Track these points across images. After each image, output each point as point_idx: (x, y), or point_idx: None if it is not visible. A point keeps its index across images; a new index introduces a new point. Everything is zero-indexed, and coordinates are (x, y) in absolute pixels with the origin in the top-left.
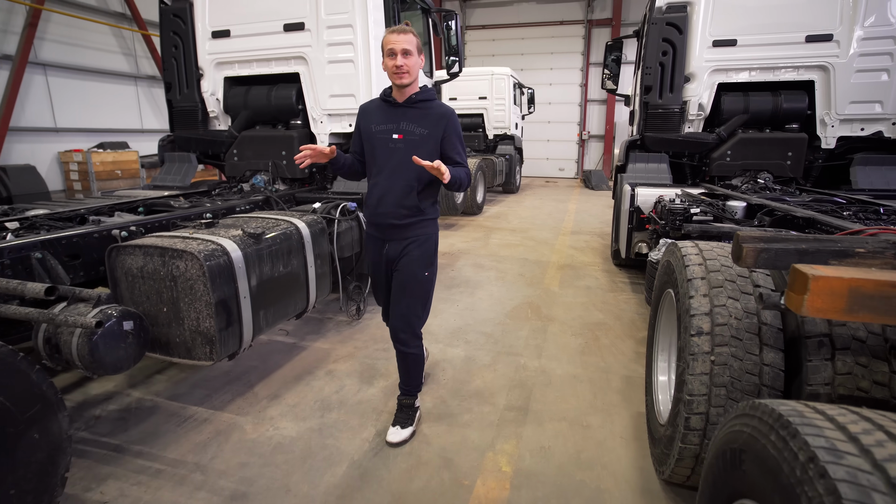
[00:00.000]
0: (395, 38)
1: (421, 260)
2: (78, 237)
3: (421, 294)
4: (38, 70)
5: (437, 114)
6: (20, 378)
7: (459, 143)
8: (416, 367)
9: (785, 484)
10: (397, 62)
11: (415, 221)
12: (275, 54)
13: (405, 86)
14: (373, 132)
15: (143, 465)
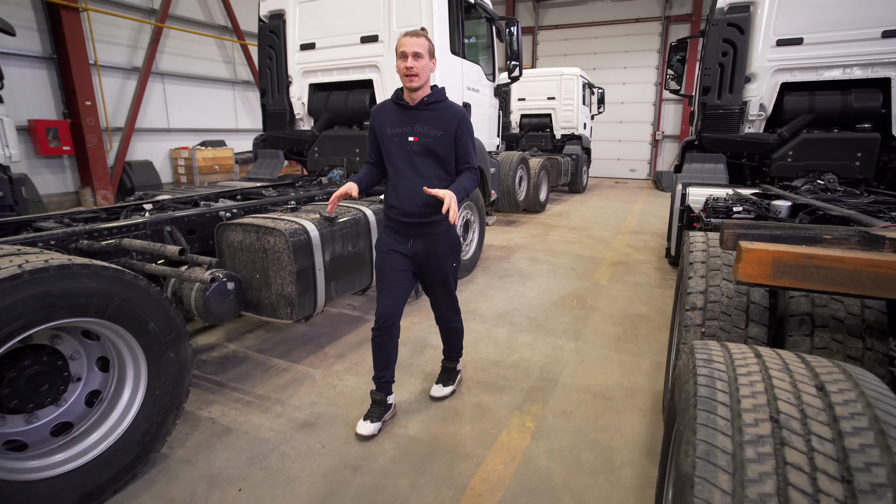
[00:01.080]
0: (408, 40)
1: (449, 254)
2: (195, 216)
3: (454, 282)
4: (157, 79)
5: (450, 115)
6: (164, 312)
7: (471, 143)
8: (459, 338)
9: (680, 388)
10: (408, 63)
11: (438, 218)
12: (352, 63)
13: (415, 88)
14: (388, 135)
15: (238, 397)
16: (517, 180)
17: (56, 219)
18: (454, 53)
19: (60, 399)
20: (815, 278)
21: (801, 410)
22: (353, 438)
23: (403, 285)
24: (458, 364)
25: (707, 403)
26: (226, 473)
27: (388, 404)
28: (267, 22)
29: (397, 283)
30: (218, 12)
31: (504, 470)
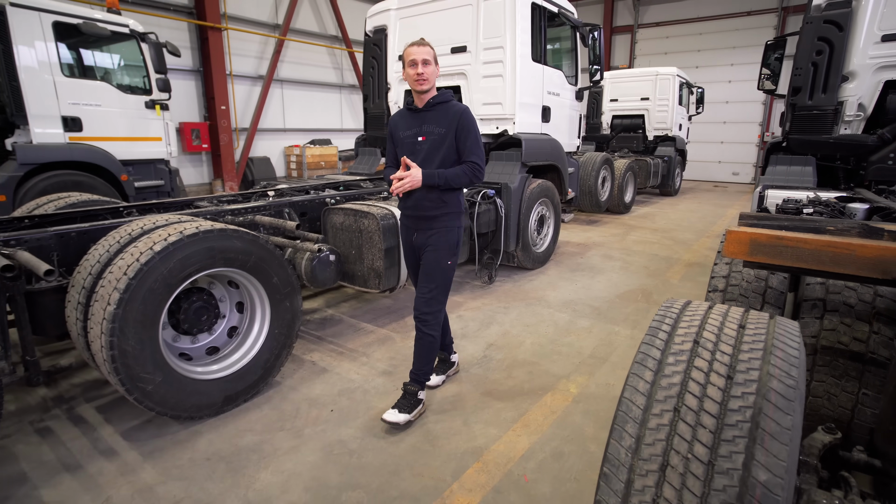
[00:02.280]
0: (416, 49)
1: (444, 250)
2: (307, 201)
3: (443, 281)
4: (277, 85)
5: (452, 112)
6: (285, 271)
7: (470, 137)
8: (429, 352)
9: None
10: (418, 70)
11: (439, 214)
12: (443, 71)
13: (424, 92)
14: (401, 138)
15: (333, 348)
16: (600, 181)
17: (208, 200)
18: (535, 61)
19: (212, 329)
20: (784, 256)
21: (717, 336)
22: None
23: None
24: (420, 391)
25: (653, 330)
26: (322, 399)
27: (452, 361)
28: (371, 36)
29: (416, 270)
30: (330, 24)
31: (543, 420)
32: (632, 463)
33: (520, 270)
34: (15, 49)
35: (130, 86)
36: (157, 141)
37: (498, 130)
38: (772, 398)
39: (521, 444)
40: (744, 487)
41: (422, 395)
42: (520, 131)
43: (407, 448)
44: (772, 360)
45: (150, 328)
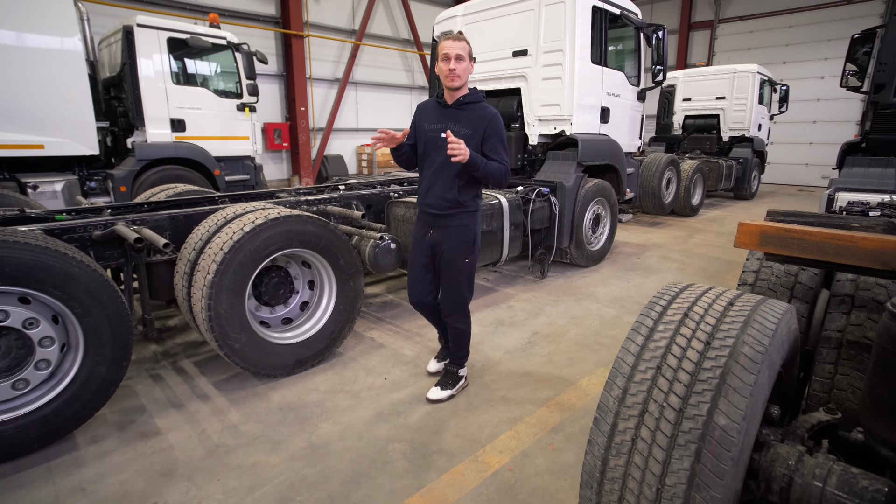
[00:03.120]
0: (451, 44)
1: (462, 249)
2: (373, 194)
3: (464, 278)
4: (352, 87)
5: (480, 115)
6: (350, 253)
7: (499, 143)
8: (461, 340)
9: None
10: (451, 65)
11: (455, 213)
12: (505, 74)
13: (455, 88)
14: (425, 130)
15: (390, 329)
16: (664, 182)
17: (287, 192)
18: (595, 63)
19: (287, 302)
20: (791, 247)
21: (704, 311)
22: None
23: (426, 275)
24: (460, 369)
25: (651, 304)
26: (377, 369)
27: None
28: (438, 41)
29: (419, 273)
30: (403, 27)
31: (576, 401)
32: (618, 409)
33: (573, 267)
34: (138, 62)
35: (225, 90)
36: (245, 140)
37: (556, 131)
38: (741, 360)
39: (553, 419)
40: (706, 430)
41: (462, 373)
42: (577, 132)
43: (448, 413)
44: (748, 331)
45: (239, 296)
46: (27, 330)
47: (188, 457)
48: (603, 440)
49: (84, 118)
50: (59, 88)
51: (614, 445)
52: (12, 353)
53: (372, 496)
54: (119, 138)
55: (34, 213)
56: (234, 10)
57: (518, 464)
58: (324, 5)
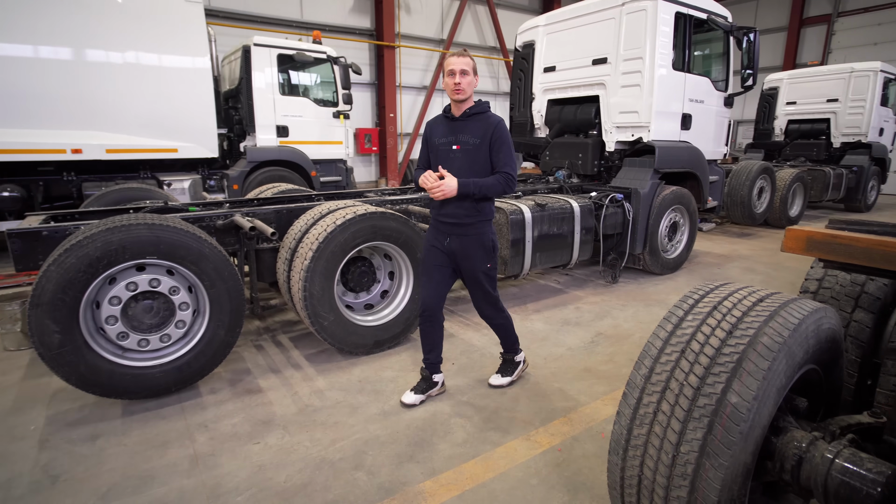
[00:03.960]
0: (455, 60)
1: (481, 257)
2: None
3: (489, 282)
4: (438, 94)
5: (486, 124)
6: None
7: (505, 150)
8: (507, 332)
9: None
10: (456, 80)
11: (472, 221)
12: (583, 82)
13: (461, 101)
14: (436, 145)
15: (461, 320)
16: (755, 191)
17: (374, 192)
18: (677, 69)
19: (370, 290)
20: (837, 252)
21: (733, 305)
22: (532, 349)
23: (441, 280)
24: (516, 355)
25: (685, 297)
26: (447, 355)
27: (434, 381)
28: (521, 50)
29: (436, 278)
30: (490, 35)
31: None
32: (643, 386)
33: (646, 274)
34: (253, 76)
35: (323, 100)
36: (338, 144)
37: (633, 138)
38: (758, 348)
39: (607, 411)
40: (718, 406)
41: (519, 358)
42: (655, 139)
43: (507, 398)
44: (770, 324)
45: (329, 280)
46: (171, 295)
47: (283, 411)
48: (629, 412)
49: (209, 126)
50: (190, 101)
51: (638, 417)
52: (161, 313)
53: (433, 457)
54: (234, 143)
55: (173, 204)
56: (334, 25)
57: (567, 446)
58: (415, 17)
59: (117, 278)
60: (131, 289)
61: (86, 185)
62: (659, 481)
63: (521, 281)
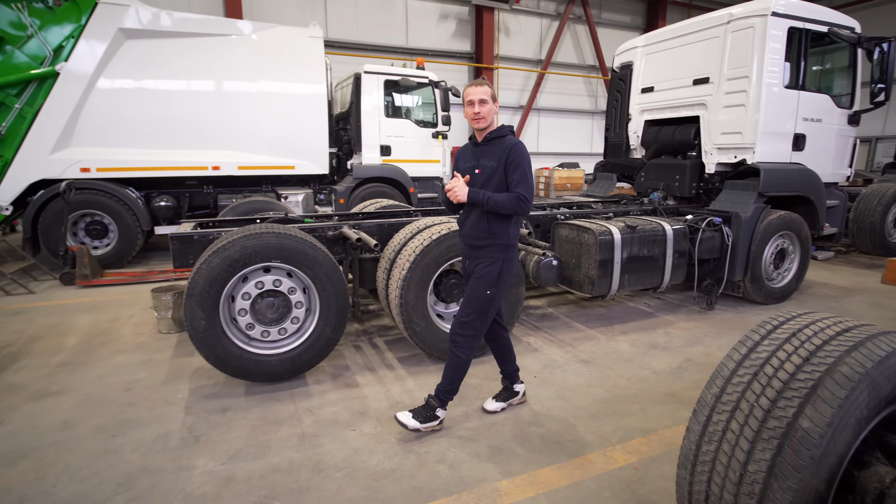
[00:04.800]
0: (473, 90)
1: (486, 279)
2: (541, 215)
3: (480, 307)
4: (534, 114)
5: (502, 147)
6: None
7: (517, 170)
8: (455, 372)
9: None
10: (475, 109)
11: (486, 244)
12: (683, 102)
13: (482, 129)
14: (461, 169)
15: (546, 337)
16: (890, 218)
17: None
18: (790, 87)
19: (459, 301)
20: None
21: (813, 333)
22: (615, 370)
23: None
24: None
25: (763, 322)
26: (529, 368)
27: (515, 391)
28: (618, 71)
29: None
30: (589, 54)
31: None
32: (714, 404)
33: (747, 303)
34: (362, 100)
35: (423, 121)
36: (436, 163)
37: (736, 160)
38: (835, 376)
39: None
40: (789, 429)
41: (440, 414)
42: (760, 160)
43: (587, 413)
44: (853, 354)
45: (423, 290)
46: (289, 295)
47: (377, 405)
48: (699, 429)
49: (322, 146)
50: (308, 124)
51: (707, 434)
52: (280, 309)
53: (510, 460)
54: (342, 161)
55: (292, 216)
56: (436, 50)
57: (644, 465)
58: (513, 39)
59: (249, 277)
60: (259, 287)
61: (220, 196)
62: (726, 498)
63: (609, 302)
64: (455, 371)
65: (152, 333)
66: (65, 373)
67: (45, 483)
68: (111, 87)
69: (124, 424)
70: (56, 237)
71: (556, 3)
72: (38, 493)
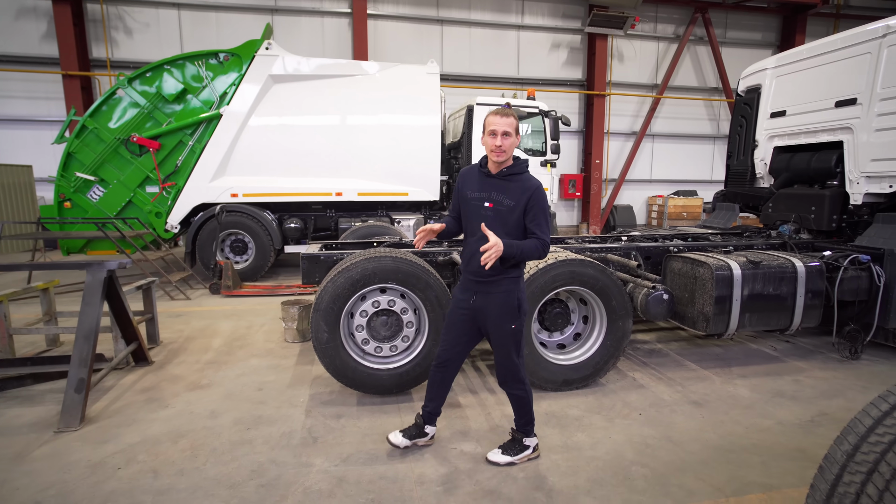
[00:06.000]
0: (499, 120)
1: (506, 315)
2: (652, 247)
3: (512, 344)
4: (648, 140)
5: (523, 187)
6: (623, 297)
7: (541, 216)
8: (522, 408)
9: None
10: (497, 142)
11: (498, 279)
12: (821, 126)
13: (500, 162)
14: (468, 198)
15: (653, 374)
16: None
17: (574, 239)
18: None
19: (563, 331)
20: None
21: None
22: (731, 415)
23: (462, 335)
24: (525, 437)
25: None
26: (634, 405)
27: (425, 432)
28: (743, 95)
29: (455, 332)
30: (711, 76)
31: None
32: (845, 463)
33: None
34: (473, 130)
35: (532, 149)
36: None
37: (891, 189)
38: None
39: None
40: None
41: (529, 442)
42: None
43: (697, 459)
44: None
45: (528, 317)
46: (402, 315)
47: (477, 426)
48: (825, 488)
49: (434, 174)
50: (422, 154)
51: (836, 495)
52: (392, 328)
53: (610, 498)
54: (451, 187)
55: (405, 240)
56: (547, 79)
57: None
58: (627, 64)
59: (367, 297)
60: (375, 305)
61: (341, 220)
62: None
63: (726, 341)
64: (523, 406)
65: (279, 341)
66: (212, 369)
67: (196, 461)
68: (259, 125)
69: (256, 420)
70: (208, 252)
71: (674, 25)
72: (192, 468)
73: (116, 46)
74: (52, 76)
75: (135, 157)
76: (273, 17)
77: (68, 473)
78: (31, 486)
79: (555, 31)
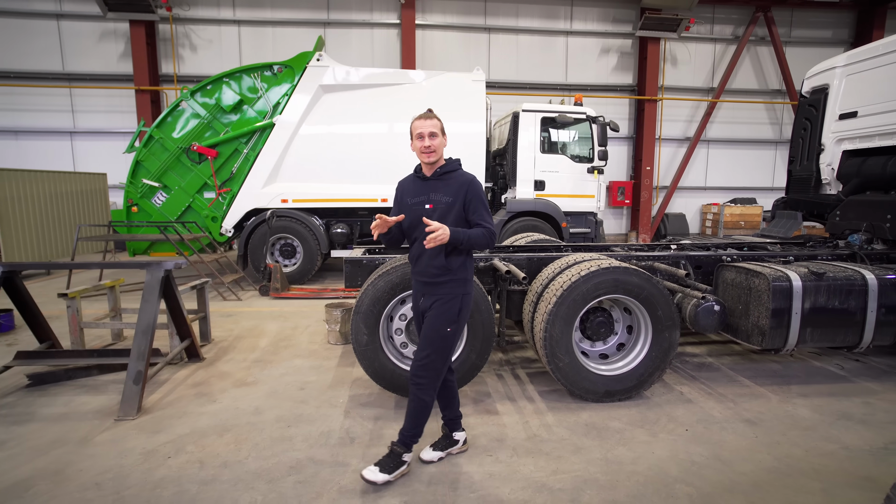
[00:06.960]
0: (422, 122)
1: (445, 316)
2: (704, 256)
3: (441, 347)
4: (703, 145)
5: (459, 182)
6: (669, 307)
7: (481, 206)
8: (419, 415)
9: None
10: (425, 143)
11: (444, 280)
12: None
13: (432, 163)
14: (408, 205)
15: (703, 388)
16: None
17: (620, 247)
18: None
19: (606, 340)
20: None
21: None
22: (789, 437)
23: None
24: (404, 452)
25: None
26: (680, 419)
27: (455, 440)
28: (808, 96)
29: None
30: (773, 77)
31: None
32: None
33: None
34: (519, 137)
35: (579, 156)
36: (590, 198)
37: None
38: None
39: None
40: None
41: (406, 458)
42: None
43: (748, 480)
44: None
45: (568, 325)
46: None
47: (514, 435)
48: None
49: None
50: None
51: None
52: None
53: None
54: (496, 194)
55: None
56: (596, 84)
57: None
58: (681, 68)
59: (406, 301)
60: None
61: None
62: None
63: (785, 357)
64: (420, 414)
65: (322, 343)
66: (258, 368)
67: (240, 454)
68: (309, 133)
69: (297, 418)
70: (259, 256)
71: (733, 25)
72: (235, 461)
73: (182, 62)
74: (127, 91)
75: (194, 165)
76: (325, 30)
77: (125, 459)
78: (93, 469)
79: (604, 35)
